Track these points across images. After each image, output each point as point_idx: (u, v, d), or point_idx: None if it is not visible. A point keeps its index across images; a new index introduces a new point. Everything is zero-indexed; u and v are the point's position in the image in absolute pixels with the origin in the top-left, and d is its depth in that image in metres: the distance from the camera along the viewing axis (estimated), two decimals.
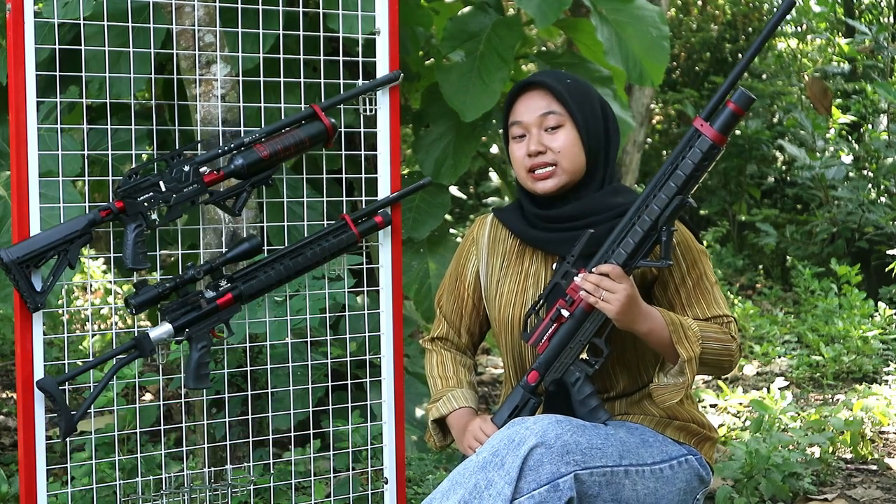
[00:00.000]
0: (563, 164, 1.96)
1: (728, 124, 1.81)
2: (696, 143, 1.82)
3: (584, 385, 1.88)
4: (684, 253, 1.96)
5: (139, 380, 2.49)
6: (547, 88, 1.98)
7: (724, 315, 1.95)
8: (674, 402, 1.88)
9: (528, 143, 1.98)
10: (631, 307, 1.82)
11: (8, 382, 4.83)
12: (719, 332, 1.91)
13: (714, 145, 1.81)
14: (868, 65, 7.45)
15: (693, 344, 1.85)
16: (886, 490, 3.04)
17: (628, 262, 1.85)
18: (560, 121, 1.97)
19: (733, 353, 1.92)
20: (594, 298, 1.83)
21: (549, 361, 1.90)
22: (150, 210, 2.07)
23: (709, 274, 1.97)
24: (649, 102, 6.95)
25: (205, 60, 2.42)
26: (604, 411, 1.88)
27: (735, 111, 1.80)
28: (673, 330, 1.84)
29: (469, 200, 8.87)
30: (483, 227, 2.14)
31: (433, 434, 2.13)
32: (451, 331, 2.18)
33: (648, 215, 1.84)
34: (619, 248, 1.85)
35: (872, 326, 5.04)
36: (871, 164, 6.92)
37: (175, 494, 2.24)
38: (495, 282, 2.06)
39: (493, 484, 1.72)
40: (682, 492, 1.94)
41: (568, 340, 1.89)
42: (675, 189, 1.82)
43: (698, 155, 1.81)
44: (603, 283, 1.82)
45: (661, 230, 1.83)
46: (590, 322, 1.88)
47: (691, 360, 1.84)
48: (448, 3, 4.12)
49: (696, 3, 10.10)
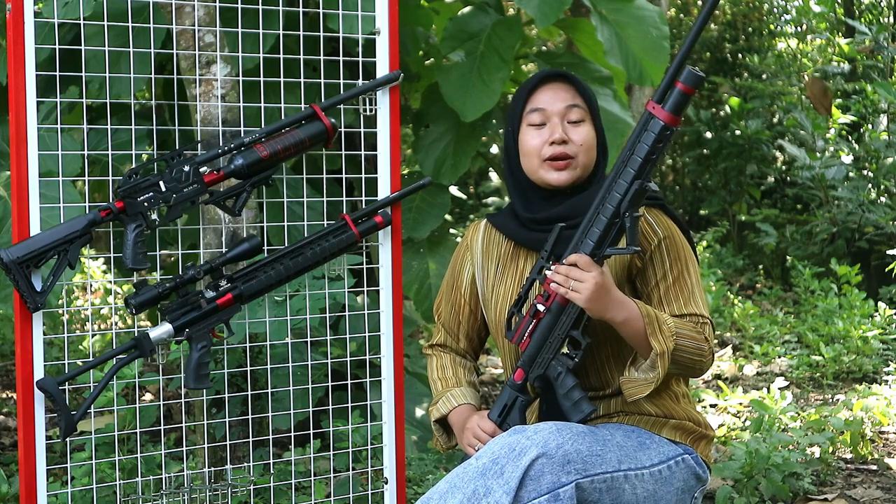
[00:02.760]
0: (581, 157, 1.98)
1: (679, 104, 1.81)
2: (650, 127, 1.82)
3: (566, 378, 1.87)
4: (669, 248, 1.95)
5: (139, 380, 2.49)
6: (571, 83, 2.01)
7: (700, 315, 1.93)
8: (642, 396, 1.87)
9: (549, 130, 1.98)
10: (601, 295, 1.81)
11: (8, 382, 4.84)
12: (693, 330, 1.89)
13: (666, 126, 1.81)
14: (868, 65, 7.45)
15: (667, 339, 1.83)
16: (886, 490, 3.04)
17: (596, 251, 1.84)
18: (583, 115, 2.00)
19: (705, 355, 1.90)
20: (564, 289, 1.83)
21: (532, 358, 1.90)
22: (150, 210, 2.07)
23: (691, 272, 1.96)
24: None
25: (205, 60, 2.42)
26: (588, 403, 1.86)
27: (684, 90, 1.80)
28: (648, 322, 1.83)
29: (469, 200, 8.88)
30: (476, 232, 2.14)
31: (438, 436, 2.13)
32: (449, 338, 2.18)
33: (610, 202, 1.84)
34: (586, 238, 1.85)
35: (872, 326, 5.04)
36: (871, 164, 6.92)
37: (175, 494, 2.24)
38: (491, 286, 2.07)
39: (491, 492, 1.72)
40: (680, 491, 1.94)
41: (547, 335, 1.89)
42: (633, 174, 1.82)
43: (652, 137, 1.81)
44: (571, 272, 1.82)
45: (624, 216, 1.82)
46: (566, 315, 1.87)
47: (664, 355, 1.83)
48: (448, 3, 4.12)
49: (696, 3, 10.09)
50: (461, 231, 7.51)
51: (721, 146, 8.39)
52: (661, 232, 1.96)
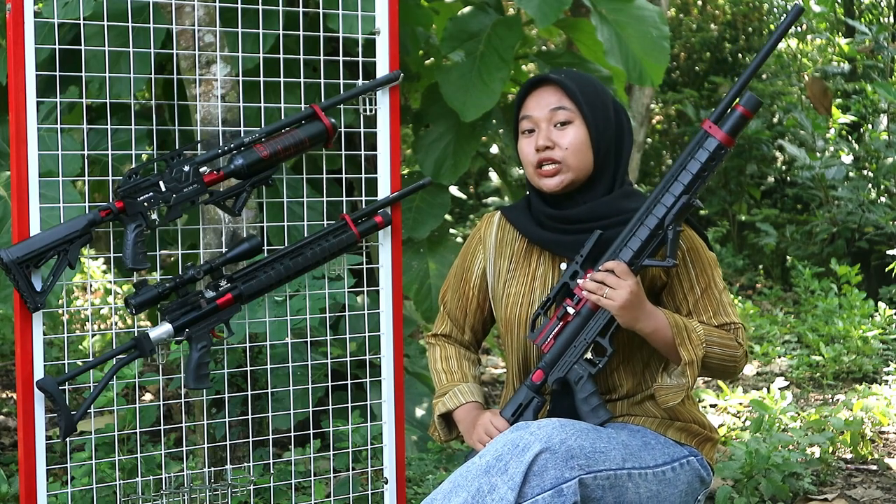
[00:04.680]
0: (569, 161, 1.95)
1: (736, 126, 1.86)
2: (705, 144, 1.86)
3: (586, 384, 1.89)
4: (694, 260, 1.96)
5: (139, 380, 2.49)
6: (559, 85, 1.98)
7: (731, 322, 1.96)
8: (675, 403, 1.89)
9: (536, 137, 1.98)
10: (634, 304, 1.83)
11: (8, 382, 4.84)
12: (725, 337, 1.92)
13: (721, 146, 1.85)
14: (868, 65, 7.45)
15: (696, 347, 1.86)
16: (886, 490, 3.04)
17: (634, 260, 1.86)
18: (570, 117, 1.96)
19: (738, 360, 1.93)
20: (596, 296, 1.84)
21: (554, 360, 1.91)
22: (150, 210, 2.07)
23: (717, 282, 1.98)
24: (649, 102, 6.95)
25: (205, 60, 2.42)
26: (605, 410, 1.88)
27: (744, 114, 1.85)
28: (676, 332, 1.85)
29: (469, 200, 8.87)
30: (490, 225, 2.13)
31: (438, 428, 2.11)
32: (454, 328, 2.17)
33: (656, 214, 1.86)
34: (625, 247, 1.87)
35: (872, 326, 5.04)
36: (871, 164, 6.93)
37: (175, 494, 2.24)
38: (503, 283, 2.06)
39: (496, 489, 1.72)
40: (684, 493, 1.94)
41: (573, 339, 1.90)
42: (682, 188, 1.85)
43: (706, 155, 1.85)
44: (608, 279, 1.83)
45: (668, 229, 1.85)
46: (595, 320, 1.89)
47: (693, 363, 1.85)
48: (448, 3, 4.13)
49: (696, 3, 10.10)
50: (461, 231, 7.51)
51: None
52: (685, 244, 1.96)
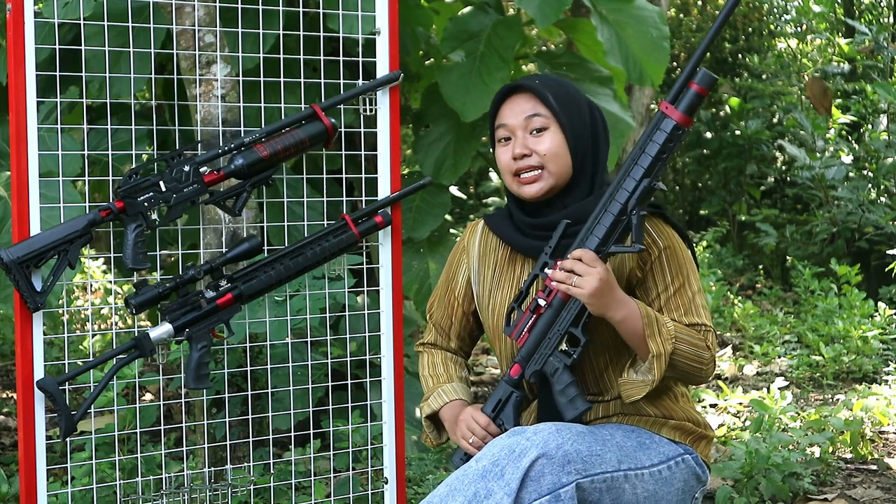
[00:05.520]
0: (549, 167, 1.94)
1: (692, 105, 1.83)
2: (662, 126, 1.83)
3: (562, 375, 1.87)
4: (670, 259, 1.94)
5: (139, 380, 2.49)
6: (532, 91, 1.97)
7: (702, 324, 1.92)
8: (639, 398, 1.87)
9: (513, 146, 1.97)
10: (604, 291, 1.80)
11: (8, 382, 4.84)
12: (695, 336, 1.88)
13: (678, 126, 1.82)
14: (868, 65, 7.45)
15: (665, 341, 1.83)
16: (886, 490, 3.04)
17: (601, 248, 1.84)
18: (545, 123, 1.95)
19: (705, 362, 1.89)
20: (566, 286, 1.82)
21: (530, 353, 1.90)
22: (150, 210, 2.07)
23: (692, 282, 1.95)
24: (649, 102, 6.96)
25: (205, 60, 2.42)
26: (583, 401, 1.86)
27: (699, 91, 1.83)
28: (647, 323, 1.83)
29: (469, 200, 8.87)
30: (473, 234, 2.13)
31: (428, 432, 2.12)
32: (440, 337, 2.18)
33: (619, 199, 1.84)
34: (591, 235, 1.85)
35: (872, 326, 5.04)
36: (871, 164, 6.93)
37: (175, 494, 2.24)
38: (488, 291, 2.06)
39: (492, 494, 1.72)
40: (681, 491, 1.94)
41: (547, 331, 1.89)
42: (643, 171, 1.83)
43: (664, 136, 1.83)
44: (576, 267, 1.81)
45: (631, 214, 1.82)
46: (566, 311, 1.87)
47: (661, 357, 1.82)
48: (448, 3, 4.13)
49: (696, 3, 10.10)
50: (461, 231, 7.51)
51: (721, 146, 8.40)
52: (662, 242, 1.94)
